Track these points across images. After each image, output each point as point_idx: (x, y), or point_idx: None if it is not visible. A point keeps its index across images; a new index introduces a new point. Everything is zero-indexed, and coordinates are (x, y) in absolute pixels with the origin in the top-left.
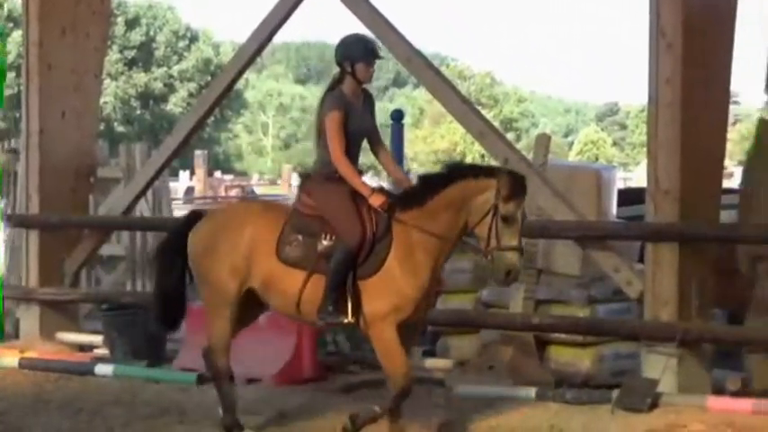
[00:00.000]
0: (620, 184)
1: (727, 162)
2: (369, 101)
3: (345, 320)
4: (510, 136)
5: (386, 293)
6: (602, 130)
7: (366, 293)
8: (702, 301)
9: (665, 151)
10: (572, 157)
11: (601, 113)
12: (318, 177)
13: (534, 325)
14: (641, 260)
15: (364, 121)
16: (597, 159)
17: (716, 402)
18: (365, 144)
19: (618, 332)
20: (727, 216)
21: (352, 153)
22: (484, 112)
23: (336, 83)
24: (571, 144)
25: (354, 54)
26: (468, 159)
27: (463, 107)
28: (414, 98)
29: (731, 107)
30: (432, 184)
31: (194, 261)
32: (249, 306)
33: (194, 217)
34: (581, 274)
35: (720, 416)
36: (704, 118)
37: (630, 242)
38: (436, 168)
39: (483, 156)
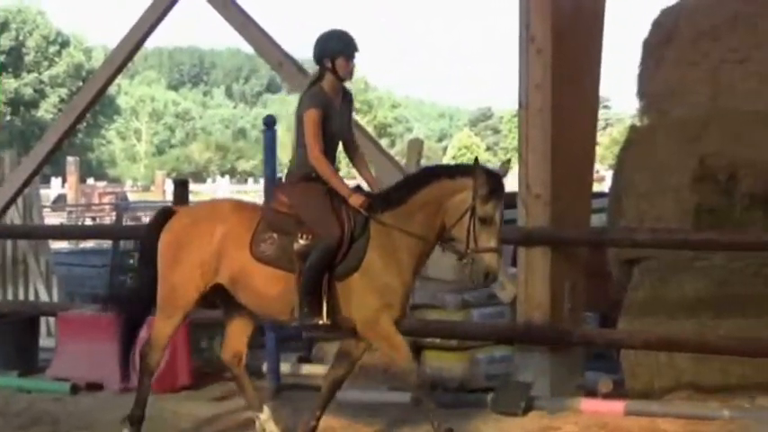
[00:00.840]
0: None
1: (598, 166)
2: (347, 99)
3: (321, 322)
4: (384, 141)
5: (374, 289)
6: (476, 134)
7: (352, 292)
8: (574, 304)
9: (536, 156)
10: (446, 162)
11: (474, 118)
12: (294, 177)
13: (409, 329)
14: (514, 264)
15: (343, 119)
16: None
17: (589, 404)
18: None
19: (492, 336)
20: (597, 220)
21: (330, 152)
22: (358, 117)
23: (316, 80)
24: (445, 149)
25: (334, 49)
26: (342, 165)
27: None
28: (289, 103)
29: (602, 112)
30: (410, 185)
31: (162, 257)
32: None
33: (165, 215)
34: (455, 279)
35: (593, 418)
36: (574, 122)
37: (504, 246)
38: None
39: None
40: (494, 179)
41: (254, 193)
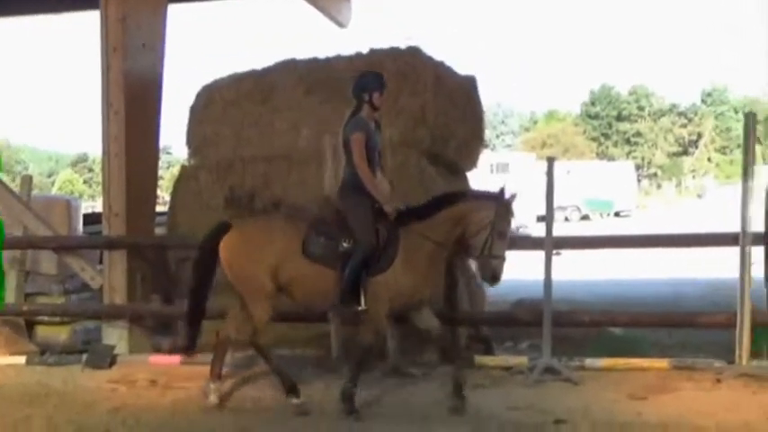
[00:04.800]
0: (87, 210)
1: (162, 193)
2: (378, 125)
3: (360, 308)
4: (7, 178)
5: (386, 288)
6: (76, 172)
7: (372, 286)
8: (144, 289)
9: (115, 186)
10: (53, 192)
11: (75, 160)
12: (347, 186)
13: (24, 311)
14: (101, 262)
15: (377, 141)
16: (72, 193)
17: (155, 359)
18: None
19: (86, 314)
20: (161, 230)
21: (371, 165)
22: None
23: (357, 110)
24: (53, 182)
25: (371, 85)
26: None
27: None
28: None
29: (165, 156)
30: (440, 203)
31: (229, 263)
32: None
33: (223, 228)
34: (58, 273)
35: (159, 368)
36: (142, 163)
37: (93, 250)
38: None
39: None
40: (512, 204)
41: None
